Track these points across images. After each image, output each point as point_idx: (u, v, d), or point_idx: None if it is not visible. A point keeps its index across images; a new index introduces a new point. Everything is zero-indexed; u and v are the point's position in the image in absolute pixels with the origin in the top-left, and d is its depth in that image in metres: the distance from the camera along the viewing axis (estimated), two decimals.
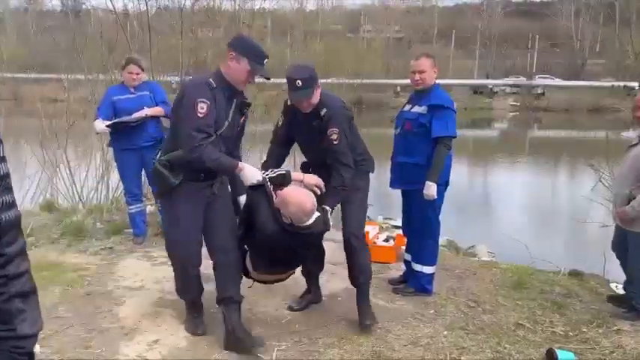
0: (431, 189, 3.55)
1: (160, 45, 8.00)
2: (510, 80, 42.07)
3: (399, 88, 37.82)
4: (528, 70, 45.33)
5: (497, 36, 49.42)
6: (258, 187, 2.89)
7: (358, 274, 3.37)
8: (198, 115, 2.71)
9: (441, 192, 3.66)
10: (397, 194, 4.01)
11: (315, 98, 3.10)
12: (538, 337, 3.32)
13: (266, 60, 2.86)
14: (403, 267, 4.19)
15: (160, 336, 3.14)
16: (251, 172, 2.87)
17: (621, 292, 3.98)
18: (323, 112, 3.13)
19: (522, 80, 41.62)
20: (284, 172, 3.05)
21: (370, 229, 4.86)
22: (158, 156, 2.97)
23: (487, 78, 44.29)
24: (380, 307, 3.64)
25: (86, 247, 4.75)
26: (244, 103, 2.99)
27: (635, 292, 3.67)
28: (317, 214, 2.91)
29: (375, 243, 4.72)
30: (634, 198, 3.45)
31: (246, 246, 3.11)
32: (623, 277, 3.84)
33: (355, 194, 3.32)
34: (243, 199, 3.15)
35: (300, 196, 2.85)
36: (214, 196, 3.01)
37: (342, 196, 3.21)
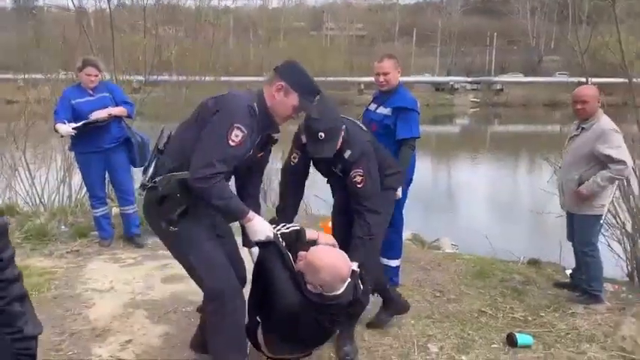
0: (398, 191, 3.50)
1: (121, 43, 7.90)
2: (470, 77, 43.03)
3: (362, 86, 38.18)
4: (487, 67, 46.41)
5: (457, 34, 50.42)
6: (269, 244, 2.39)
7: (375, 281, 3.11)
8: (230, 142, 2.24)
9: (404, 189, 3.78)
10: None
11: (337, 147, 2.74)
12: (499, 323, 3.49)
13: (318, 96, 2.49)
14: None
15: (132, 336, 3.15)
16: (261, 225, 2.37)
17: (568, 279, 4.27)
18: (347, 154, 2.79)
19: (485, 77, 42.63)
20: (298, 228, 2.57)
21: None
22: (149, 175, 2.43)
23: (448, 75, 45.14)
24: None
25: (51, 251, 4.68)
26: (271, 137, 2.57)
27: (584, 278, 3.91)
28: (348, 279, 2.35)
29: None
30: (583, 182, 3.70)
31: (258, 317, 2.51)
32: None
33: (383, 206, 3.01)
34: (255, 251, 2.55)
35: (333, 258, 2.30)
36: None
37: (368, 248, 2.79)
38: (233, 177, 2.55)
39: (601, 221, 3.91)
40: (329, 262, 2.25)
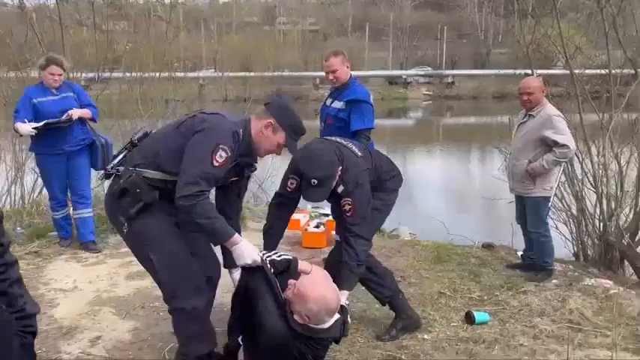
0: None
1: (70, 40, 7.67)
2: (422, 70, 43.87)
3: (318, 80, 38.26)
4: (438, 61, 47.40)
5: (409, 28, 51.20)
6: (256, 269, 2.33)
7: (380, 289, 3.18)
8: (214, 162, 2.27)
9: None
10: None
11: (332, 187, 2.75)
12: (458, 303, 3.68)
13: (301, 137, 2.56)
14: None
15: (101, 332, 3.16)
16: (247, 249, 2.33)
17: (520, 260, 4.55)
18: (340, 189, 2.77)
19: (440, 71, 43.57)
20: (290, 258, 2.48)
21: (301, 217, 5.07)
22: (114, 163, 2.45)
23: (401, 69, 45.84)
24: None
25: None
26: (251, 166, 2.61)
27: (535, 258, 4.18)
28: (337, 315, 2.31)
29: (306, 230, 4.93)
30: None
31: (240, 339, 2.49)
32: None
33: (374, 202, 2.97)
34: (236, 276, 2.58)
35: (324, 290, 2.25)
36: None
37: (358, 275, 2.81)
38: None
39: (549, 203, 4.18)
40: (319, 292, 2.21)
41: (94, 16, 7.68)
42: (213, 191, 2.59)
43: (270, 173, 8.45)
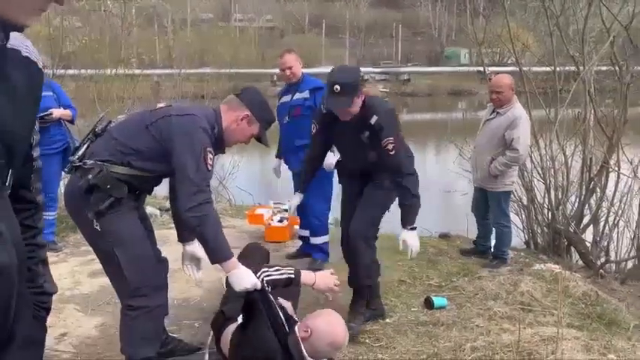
0: (330, 158, 3.57)
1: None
2: (378, 68, 44.46)
3: (275, 77, 38.20)
4: (394, 58, 48.17)
5: (365, 25, 51.76)
6: (254, 292, 2.30)
7: (361, 275, 3.23)
8: (208, 167, 2.26)
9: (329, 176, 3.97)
10: (284, 180, 4.45)
11: (355, 107, 2.83)
12: (417, 290, 3.86)
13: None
14: (298, 243, 4.55)
15: (67, 329, 3.15)
16: (245, 275, 2.29)
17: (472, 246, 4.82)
18: (373, 120, 2.82)
19: (392, 68, 44.21)
20: (292, 273, 2.47)
21: (264, 212, 5.14)
22: (79, 155, 2.37)
23: (357, 65, 46.28)
24: None
25: None
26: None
27: (485, 245, 4.46)
28: None
29: (270, 224, 5.00)
30: None
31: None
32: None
33: (377, 190, 3.11)
34: (190, 248, 2.70)
35: (334, 329, 2.26)
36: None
37: (418, 208, 3.00)
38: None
39: (511, 195, 4.42)
40: (329, 334, 2.24)
41: (47, 11, 7.46)
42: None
43: (229, 171, 8.49)
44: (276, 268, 2.49)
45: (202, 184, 2.23)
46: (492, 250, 4.52)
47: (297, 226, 5.03)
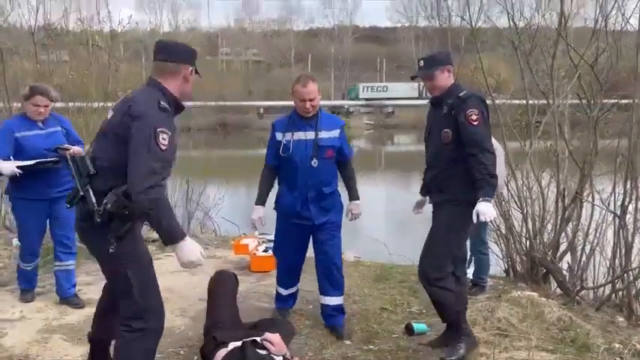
0: (360, 206, 3.66)
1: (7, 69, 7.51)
2: (362, 101, 45.26)
3: (262, 110, 38.73)
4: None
5: (350, 59, 52.83)
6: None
7: (441, 312, 3.27)
8: (161, 147, 2.22)
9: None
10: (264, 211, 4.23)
11: (441, 81, 3.02)
12: (399, 317, 3.96)
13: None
14: None
15: (53, 357, 3.18)
16: (193, 248, 2.33)
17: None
18: (462, 93, 2.95)
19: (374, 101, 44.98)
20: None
21: (250, 242, 5.23)
22: (94, 201, 2.31)
23: (343, 99, 47.06)
24: (265, 309, 4.02)
25: None
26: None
27: (474, 272, 4.56)
28: None
29: (255, 254, 5.09)
30: None
31: None
32: None
33: (441, 219, 3.08)
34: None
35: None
36: None
37: (494, 184, 2.89)
38: None
39: (489, 224, 4.58)
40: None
41: (35, 45, 7.61)
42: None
43: (216, 202, 8.57)
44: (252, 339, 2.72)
45: (154, 165, 2.20)
46: (471, 277, 4.65)
47: None
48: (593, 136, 5.29)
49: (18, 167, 3.61)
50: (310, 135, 3.42)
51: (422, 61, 3.07)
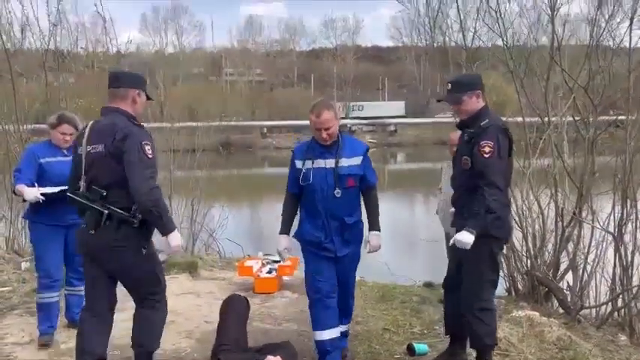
0: (380, 238, 3.41)
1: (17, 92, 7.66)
2: (365, 120, 45.57)
3: (265, 130, 39.03)
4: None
5: (352, 79, 53.29)
6: None
7: (473, 341, 3.30)
8: (149, 156, 2.71)
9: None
10: (268, 231, 4.40)
11: (468, 105, 3.04)
12: (401, 337, 4.02)
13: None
14: (287, 294, 4.73)
15: None
16: (179, 236, 2.89)
17: None
18: (484, 122, 2.97)
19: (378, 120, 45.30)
20: None
21: (254, 264, 5.31)
22: (127, 213, 2.74)
23: (346, 118, 47.35)
24: (268, 330, 4.09)
25: None
26: None
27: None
28: None
29: (259, 276, 5.17)
30: None
31: None
32: None
33: (470, 258, 3.03)
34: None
35: None
36: None
37: (488, 221, 2.89)
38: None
39: None
40: None
41: (45, 70, 7.77)
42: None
43: (220, 223, 8.66)
44: None
45: (148, 172, 2.70)
46: None
47: (285, 277, 5.22)
48: (590, 156, 5.39)
49: (42, 194, 3.63)
50: (330, 163, 3.25)
51: (449, 84, 3.08)
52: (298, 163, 3.33)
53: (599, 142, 5.45)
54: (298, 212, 3.43)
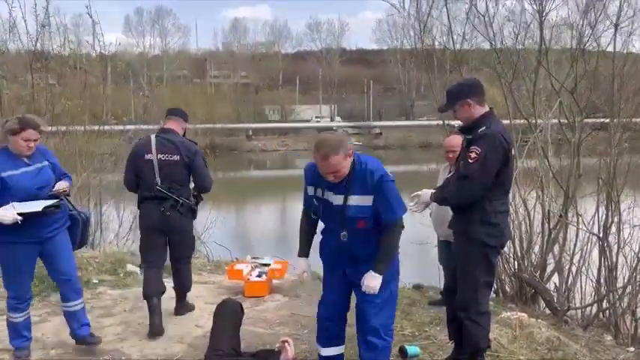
0: (377, 280, 2.86)
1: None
2: (351, 122, 45.78)
3: (250, 132, 38.97)
4: (366, 113, 49.61)
5: (337, 82, 53.44)
6: None
7: (468, 344, 3.26)
8: (206, 164, 4.23)
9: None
10: (256, 234, 4.56)
11: (462, 114, 3.05)
12: (392, 340, 4.02)
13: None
14: (277, 297, 4.71)
15: None
16: None
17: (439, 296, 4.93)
18: (481, 130, 2.95)
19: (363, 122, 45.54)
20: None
21: (243, 267, 5.29)
22: (190, 201, 4.16)
23: (331, 120, 47.51)
24: (261, 334, 4.08)
25: None
26: None
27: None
28: None
29: (248, 279, 5.15)
30: None
31: None
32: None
33: (465, 262, 3.10)
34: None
35: None
36: None
37: (440, 198, 3.19)
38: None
39: None
40: None
41: (32, 73, 7.69)
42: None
43: (207, 226, 8.62)
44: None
45: (209, 172, 4.25)
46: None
47: (275, 280, 5.21)
48: (576, 159, 5.49)
49: (20, 214, 3.12)
50: (339, 200, 2.84)
51: (445, 95, 3.17)
52: (310, 189, 2.98)
53: (583, 145, 5.56)
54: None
